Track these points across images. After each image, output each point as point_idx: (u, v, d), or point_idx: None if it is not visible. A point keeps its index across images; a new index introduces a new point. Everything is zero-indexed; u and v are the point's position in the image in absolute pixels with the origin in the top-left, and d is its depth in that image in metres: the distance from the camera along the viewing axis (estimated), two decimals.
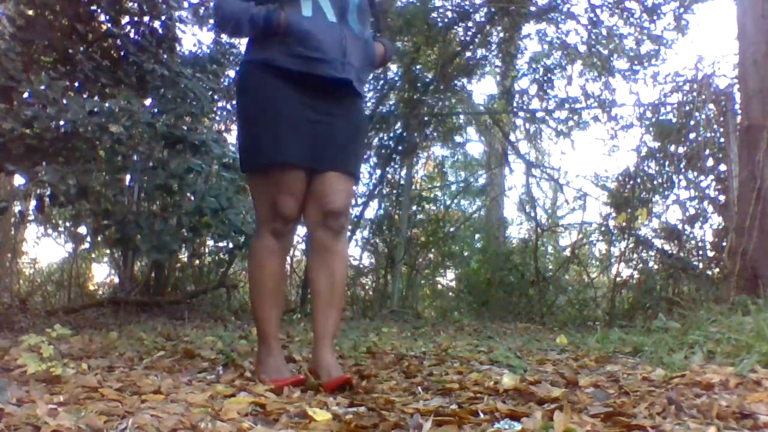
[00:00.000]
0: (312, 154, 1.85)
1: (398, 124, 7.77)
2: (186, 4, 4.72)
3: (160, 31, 4.44)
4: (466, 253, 9.27)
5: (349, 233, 8.16)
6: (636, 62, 7.15)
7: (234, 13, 1.87)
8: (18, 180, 5.23)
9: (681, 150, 5.65)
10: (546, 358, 2.58)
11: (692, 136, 5.55)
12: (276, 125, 1.84)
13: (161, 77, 4.23)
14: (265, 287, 1.91)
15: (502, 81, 9.19)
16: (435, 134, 8.61)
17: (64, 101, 3.32)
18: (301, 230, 7.81)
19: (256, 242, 1.94)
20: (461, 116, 9.13)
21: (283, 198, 1.86)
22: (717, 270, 5.04)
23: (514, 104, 8.66)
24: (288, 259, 7.82)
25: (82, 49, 4.11)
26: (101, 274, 9.05)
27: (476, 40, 7.83)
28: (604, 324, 5.03)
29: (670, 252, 5.70)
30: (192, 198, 3.82)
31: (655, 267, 5.83)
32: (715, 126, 5.35)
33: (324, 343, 1.89)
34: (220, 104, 6.37)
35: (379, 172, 7.70)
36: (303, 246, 7.44)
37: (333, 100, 1.91)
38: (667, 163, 5.80)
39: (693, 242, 5.59)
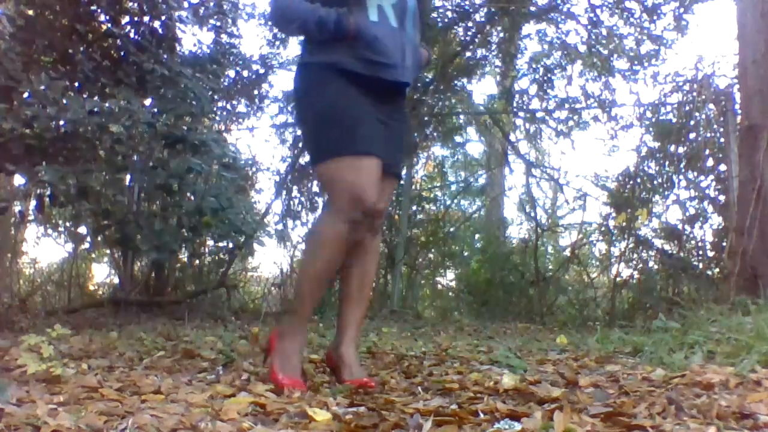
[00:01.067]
0: (385, 153, 1.89)
1: None
2: (186, 4, 4.72)
3: (160, 31, 4.43)
4: (466, 253, 9.26)
5: None
6: (636, 62, 7.15)
7: (299, 13, 1.86)
8: (18, 180, 5.23)
9: (681, 150, 5.65)
10: (546, 358, 2.58)
11: (692, 136, 5.55)
12: (360, 119, 1.86)
13: (161, 77, 4.23)
14: (322, 277, 1.88)
15: (502, 81, 9.19)
16: (435, 134, 8.61)
17: (64, 101, 3.31)
18: (301, 230, 7.79)
19: (330, 230, 1.85)
20: (461, 116, 9.12)
21: (369, 187, 1.84)
22: (717, 270, 5.04)
23: (514, 104, 8.66)
24: (288, 259, 7.83)
25: (82, 49, 4.11)
26: (101, 274, 9.05)
27: (476, 40, 7.82)
28: (604, 324, 5.03)
29: (670, 252, 5.70)
30: (192, 198, 3.82)
31: (655, 267, 5.83)
32: (715, 126, 5.35)
33: (349, 337, 1.94)
34: (220, 104, 6.38)
35: None
36: (303, 246, 7.44)
37: (391, 103, 1.97)
38: (667, 163, 5.79)
39: (693, 242, 5.58)
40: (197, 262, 6.99)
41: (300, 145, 7.65)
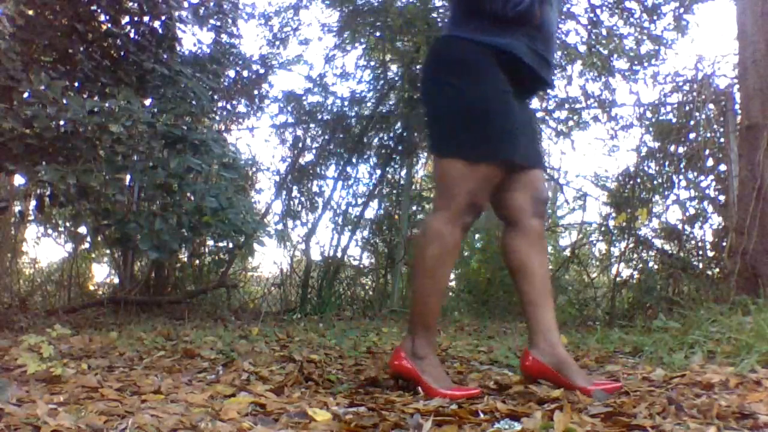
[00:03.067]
0: (526, 150, 1.83)
1: (398, 124, 7.77)
2: (186, 4, 4.72)
3: (160, 30, 4.43)
4: (466, 253, 9.26)
5: (349, 233, 8.06)
6: (636, 62, 7.14)
7: None
8: (18, 180, 5.23)
9: (681, 150, 5.65)
10: None
11: (692, 136, 5.54)
12: (507, 119, 1.76)
13: (161, 77, 4.22)
14: (443, 283, 1.80)
15: None
16: None
17: (64, 101, 3.31)
18: (301, 230, 7.79)
19: (446, 234, 1.75)
20: None
21: (487, 194, 1.79)
22: (717, 270, 5.04)
23: None
24: (288, 258, 7.84)
25: (82, 48, 4.11)
26: (101, 274, 9.05)
27: None
28: (604, 324, 5.03)
29: (670, 252, 5.69)
30: (192, 198, 3.82)
31: (655, 267, 5.83)
32: (715, 126, 5.35)
33: (557, 336, 1.80)
34: (220, 104, 6.37)
35: (379, 172, 7.70)
36: (303, 246, 7.44)
37: (526, 99, 1.91)
38: (667, 163, 5.79)
39: (693, 242, 5.58)
40: (197, 261, 6.99)
41: (299, 145, 7.65)
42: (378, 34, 7.54)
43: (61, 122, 3.35)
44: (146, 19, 4.38)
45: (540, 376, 1.73)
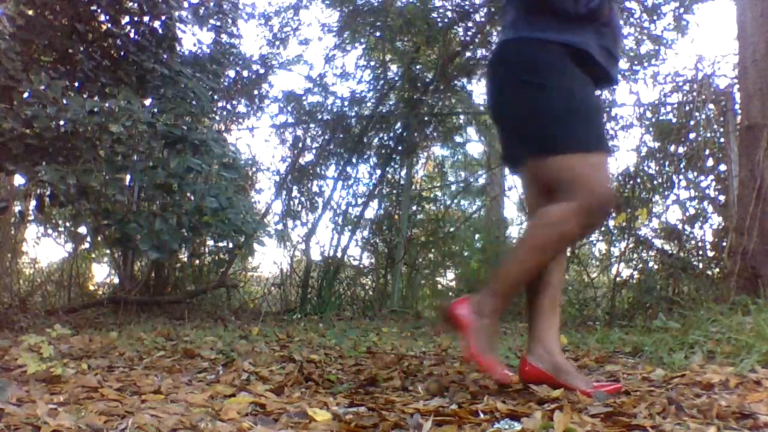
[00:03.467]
0: None
1: (398, 124, 7.77)
2: (186, 4, 4.72)
3: (160, 30, 4.43)
4: (466, 253, 9.25)
5: (349, 233, 8.04)
6: (636, 62, 7.14)
7: None
8: (18, 180, 5.23)
9: (681, 150, 5.65)
10: None
11: (692, 136, 5.55)
12: (601, 112, 1.79)
13: (161, 77, 4.22)
14: (542, 268, 1.71)
15: None
16: (435, 134, 8.61)
17: (64, 101, 3.31)
18: (301, 230, 7.79)
19: (567, 222, 1.64)
20: (461, 116, 9.12)
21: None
22: (717, 270, 5.04)
23: None
24: (288, 258, 7.84)
25: (82, 48, 4.10)
26: (101, 274, 9.05)
27: (476, 40, 7.82)
28: (604, 324, 5.03)
29: (670, 252, 5.70)
30: (192, 198, 3.82)
31: (655, 267, 5.83)
32: (715, 126, 5.35)
33: (558, 344, 1.76)
34: (220, 104, 6.38)
35: (379, 172, 7.70)
36: (303, 246, 7.44)
37: None
38: (667, 163, 5.79)
39: (693, 242, 5.59)
40: (197, 261, 6.99)
41: (299, 145, 7.65)
42: (378, 34, 7.53)
43: (61, 122, 3.35)
44: (146, 19, 4.37)
45: (538, 382, 1.69)
